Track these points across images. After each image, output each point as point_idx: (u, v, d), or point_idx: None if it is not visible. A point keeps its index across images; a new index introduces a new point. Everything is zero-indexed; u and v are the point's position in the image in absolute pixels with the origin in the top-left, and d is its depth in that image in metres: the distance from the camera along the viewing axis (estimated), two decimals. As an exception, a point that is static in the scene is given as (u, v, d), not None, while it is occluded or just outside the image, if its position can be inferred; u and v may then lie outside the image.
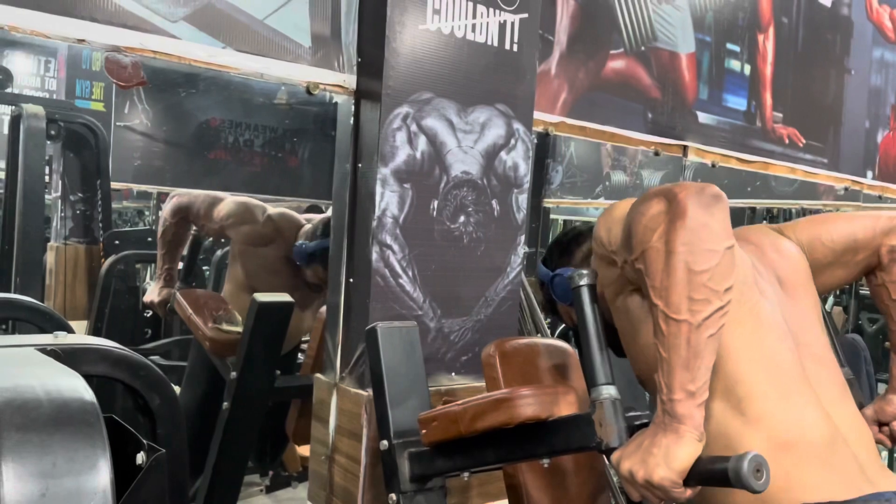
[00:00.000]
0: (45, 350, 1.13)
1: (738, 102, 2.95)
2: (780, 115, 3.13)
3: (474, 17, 1.78)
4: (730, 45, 2.88)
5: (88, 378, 0.97)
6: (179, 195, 2.81)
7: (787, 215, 5.43)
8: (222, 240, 5.13)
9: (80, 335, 1.43)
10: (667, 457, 0.99)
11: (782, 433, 1.12)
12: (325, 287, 2.64)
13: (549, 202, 6.17)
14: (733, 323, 1.10)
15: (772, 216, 5.58)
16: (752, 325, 1.16)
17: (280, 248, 2.68)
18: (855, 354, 3.43)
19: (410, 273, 1.73)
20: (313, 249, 2.56)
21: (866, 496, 1.09)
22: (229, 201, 2.71)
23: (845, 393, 1.25)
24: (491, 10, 1.81)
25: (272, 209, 2.74)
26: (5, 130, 4.06)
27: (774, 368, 1.16)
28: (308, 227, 2.66)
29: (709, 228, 1.01)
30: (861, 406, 1.54)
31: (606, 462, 1.48)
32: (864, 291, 5.42)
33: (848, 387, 1.28)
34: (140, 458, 1.07)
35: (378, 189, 1.67)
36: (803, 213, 4.99)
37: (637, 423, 1.14)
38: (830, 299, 5.64)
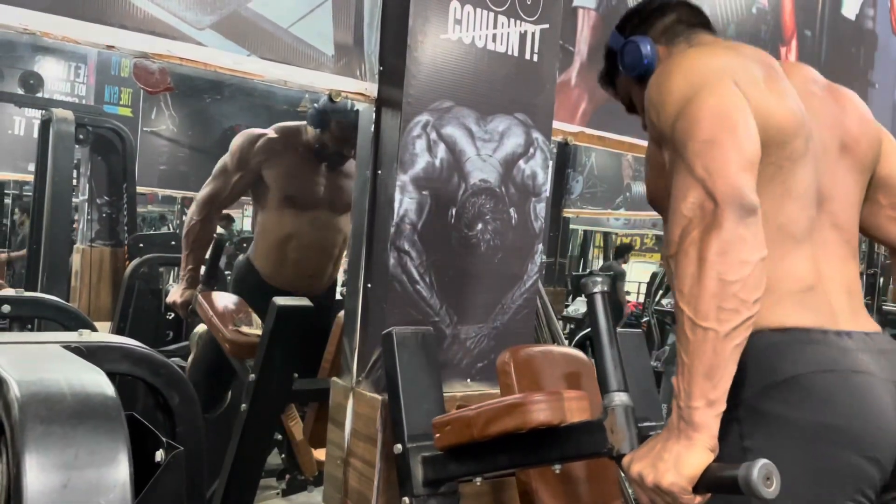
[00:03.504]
0: (69, 347, 1.16)
1: (759, 114, 2.94)
2: (803, 127, 3.11)
3: (495, 27, 1.80)
4: (752, 58, 2.87)
5: (110, 376, 0.99)
6: (199, 193, 2.88)
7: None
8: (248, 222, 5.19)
9: (103, 333, 1.46)
10: (677, 463, 1.00)
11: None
12: (348, 149, 2.70)
13: (568, 212, 6.16)
14: (762, 182, 1.10)
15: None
16: (779, 191, 1.17)
17: (298, 150, 2.81)
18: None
19: (427, 279, 1.75)
20: (323, 106, 2.67)
21: (825, 328, 1.14)
22: (230, 146, 2.82)
23: (849, 256, 1.25)
24: (512, 20, 1.83)
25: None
26: (35, 134, 4.15)
27: (783, 236, 1.17)
28: None
29: (744, 240, 1.02)
30: None
31: (620, 470, 1.49)
32: (888, 308, 5.35)
33: (856, 251, 1.28)
34: (159, 455, 1.09)
35: (397, 196, 1.69)
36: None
37: (650, 432, 1.14)
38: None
